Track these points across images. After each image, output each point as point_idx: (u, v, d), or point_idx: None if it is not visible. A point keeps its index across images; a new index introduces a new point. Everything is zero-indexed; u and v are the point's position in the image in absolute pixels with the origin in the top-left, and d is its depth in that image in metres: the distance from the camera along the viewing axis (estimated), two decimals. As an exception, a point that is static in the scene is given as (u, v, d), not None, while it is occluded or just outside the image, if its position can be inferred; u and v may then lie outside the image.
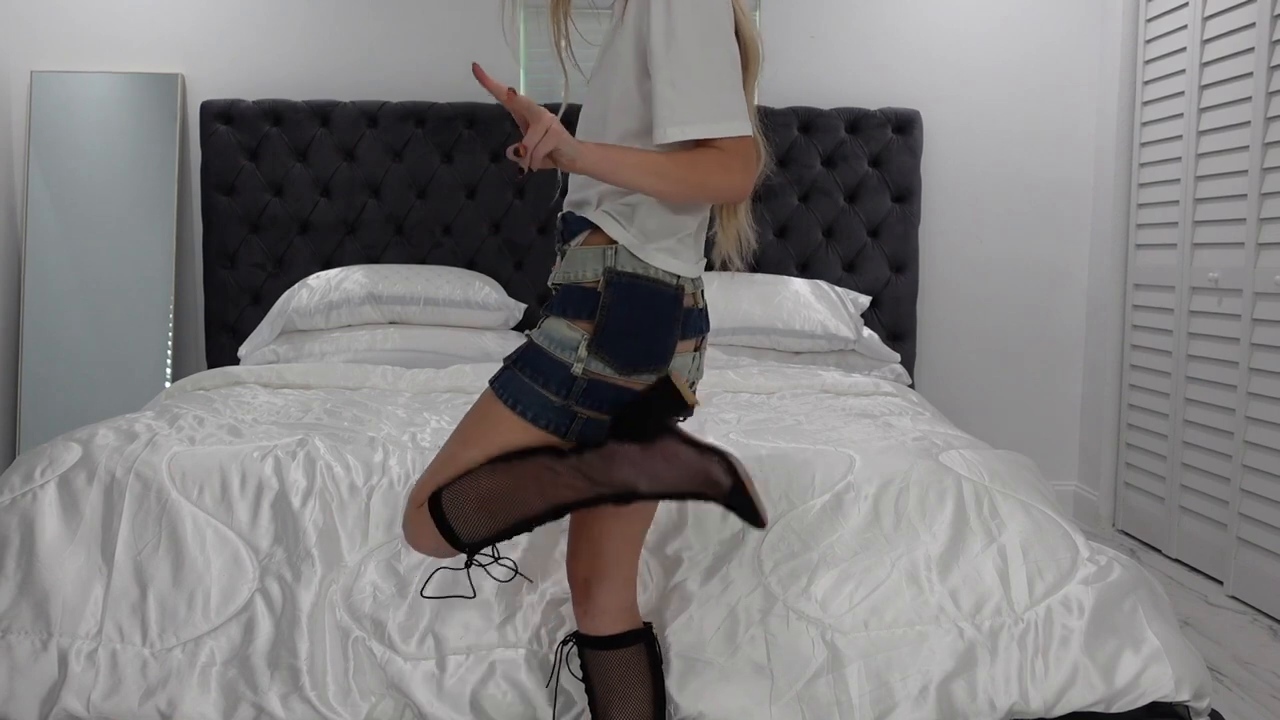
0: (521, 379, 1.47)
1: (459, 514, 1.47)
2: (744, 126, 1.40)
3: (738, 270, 1.71)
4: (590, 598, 1.63)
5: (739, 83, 1.43)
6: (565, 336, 1.45)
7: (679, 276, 1.48)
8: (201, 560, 1.84)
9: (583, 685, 1.74)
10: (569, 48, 1.61)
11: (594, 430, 1.50)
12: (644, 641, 1.64)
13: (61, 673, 1.75)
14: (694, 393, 1.51)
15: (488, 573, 1.72)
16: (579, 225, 1.50)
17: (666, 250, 1.48)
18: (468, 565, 1.54)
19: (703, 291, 1.55)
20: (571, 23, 1.60)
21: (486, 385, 1.52)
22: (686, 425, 2.23)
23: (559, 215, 1.57)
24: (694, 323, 1.52)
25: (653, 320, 1.47)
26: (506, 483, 1.46)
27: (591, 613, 1.63)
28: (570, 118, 1.53)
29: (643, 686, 1.63)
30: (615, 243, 1.46)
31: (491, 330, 3.49)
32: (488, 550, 1.54)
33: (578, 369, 1.44)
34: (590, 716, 1.69)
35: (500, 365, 1.52)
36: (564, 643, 1.68)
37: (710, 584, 1.84)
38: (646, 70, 1.43)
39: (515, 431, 1.48)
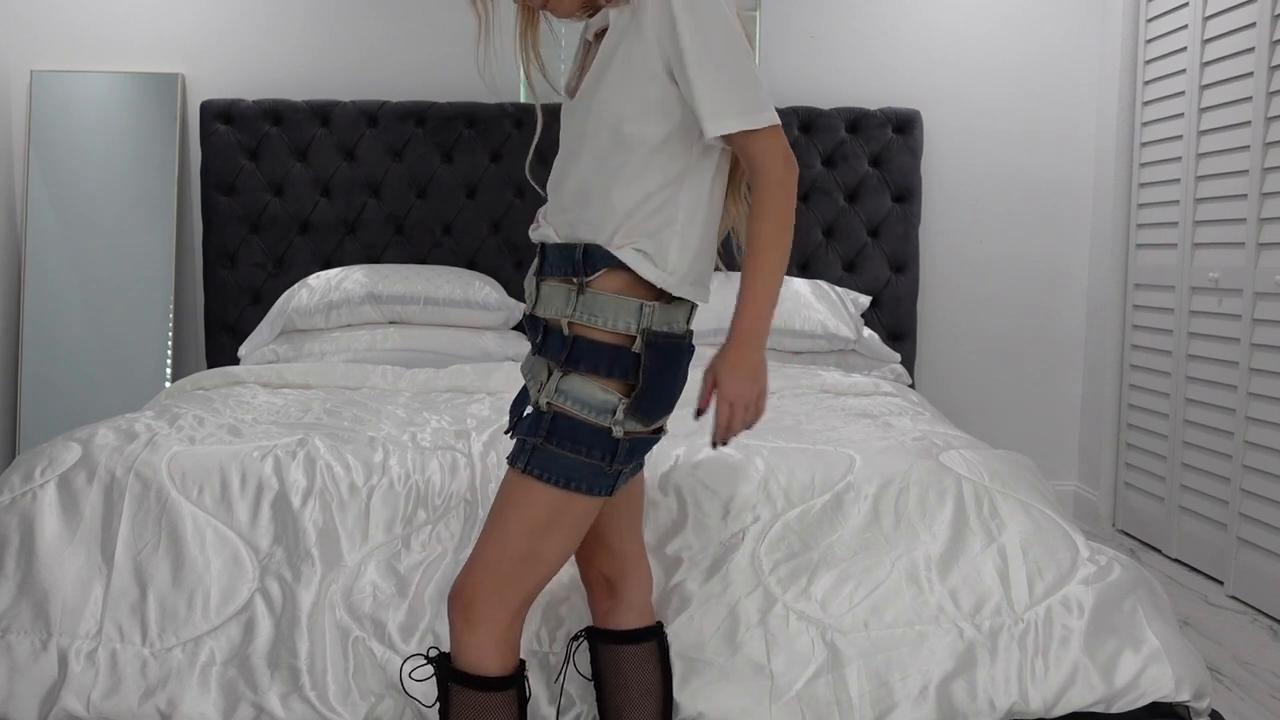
0: (561, 454, 1.40)
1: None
2: (774, 116, 1.40)
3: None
4: (617, 595, 1.63)
5: (760, 79, 1.42)
6: (600, 400, 1.40)
7: (689, 319, 1.48)
8: (201, 560, 1.84)
9: (583, 686, 1.75)
10: (541, 70, 1.59)
11: (627, 479, 1.50)
12: (657, 639, 1.65)
13: (61, 672, 1.75)
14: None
15: None
16: (603, 260, 1.43)
17: (699, 282, 1.48)
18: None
19: None
20: (537, 50, 1.59)
21: (511, 469, 1.44)
22: (682, 428, 2.23)
23: (550, 242, 1.49)
24: (692, 356, 1.52)
25: (678, 375, 1.47)
26: None
27: (618, 610, 1.63)
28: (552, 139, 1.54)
29: (655, 683, 1.63)
30: (651, 298, 1.43)
31: (491, 330, 3.49)
32: None
33: (618, 432, 1.41)
34: (596, 714, 1.70)
35: (520, 444, 1.44)
36: (574, 638, 1.68)
37: (710, 584, 1.84)
38: (672, 75, 1.40)
39: (566, 507, 1.43)
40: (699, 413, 1.46)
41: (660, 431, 1.51)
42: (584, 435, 1.41)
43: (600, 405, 1.41)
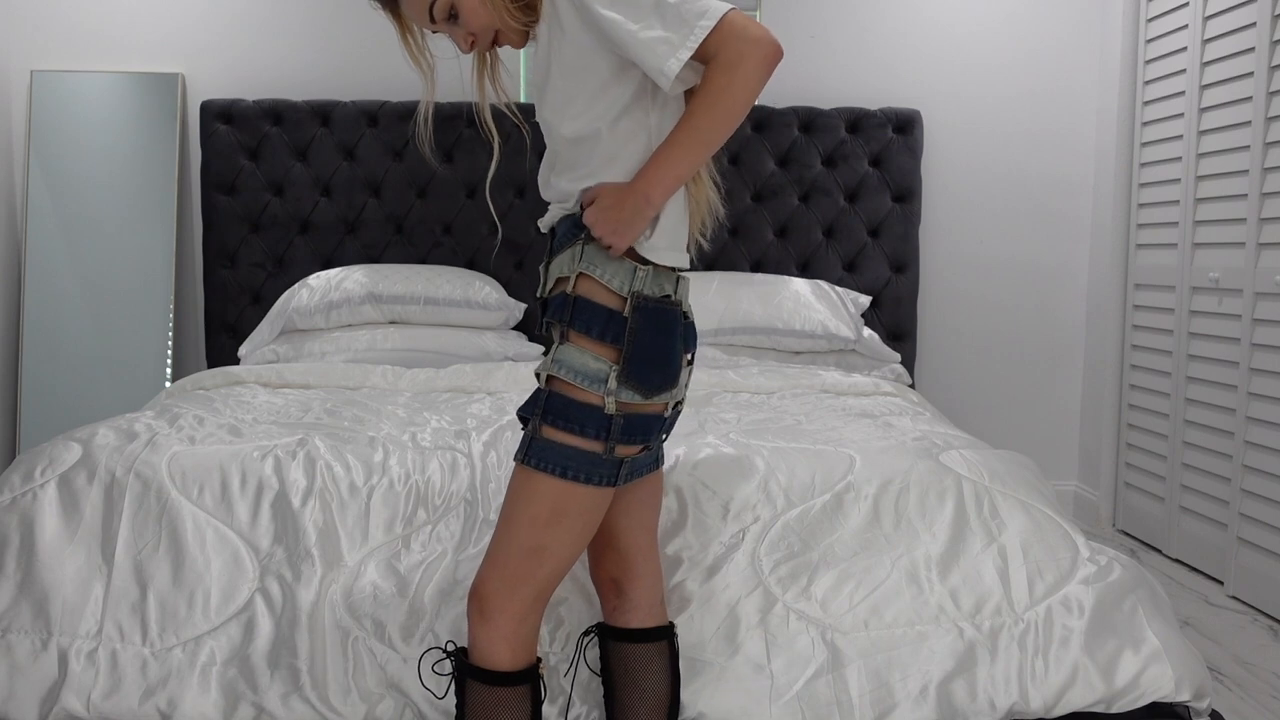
0: (555, 442, 1.42)
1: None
2: (720, 7, 1.37)
3: (706, 243, 1.69)
4: (623, 594, 1.63)
5: None
6: (593, 369, 1.41)
7: (677, 289, 1.49)
8: (201, 560, 1.84)
9: (585, 686, 1.75)
10: (504, 103, 1.64)
11: (636, 471, 1.51)
12: (667, 639, 1.65)
13: (61, 672, 1.75)
14: (679, 413, 1.54)
15: None
16: None
17: (676, 246, 1.50)
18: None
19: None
20: (502, 86, 1.63)
21: (515, 464, 1.46)
22: (682, 428, 2.24)
23: (560, 219, 1.53)
24: (690, 336, 1.53)
25: (669, 341, 1.47)
26: None
27: (624, 609, 1.63)
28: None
29: (661, 683, 1.64)
30: (645, 263, 1.45)
31: (491, 330, 3.49)
32: None
33: (610, 405, 1.41)
34: (601, 712, 1.70)
35: (522, 438, 1.46)
36: (586, 634, 1.69)
37: (710, 584, 1.84)
38: (599, 57, 1.43)
39: (567, 498, 1.44)
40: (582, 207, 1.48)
41: (668, 416, 1.50)
42: (575, 413, 1.42)
43: (593, 374, 1.42)
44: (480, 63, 1.63)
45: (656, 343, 1.45)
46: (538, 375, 1.47)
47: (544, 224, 1.57)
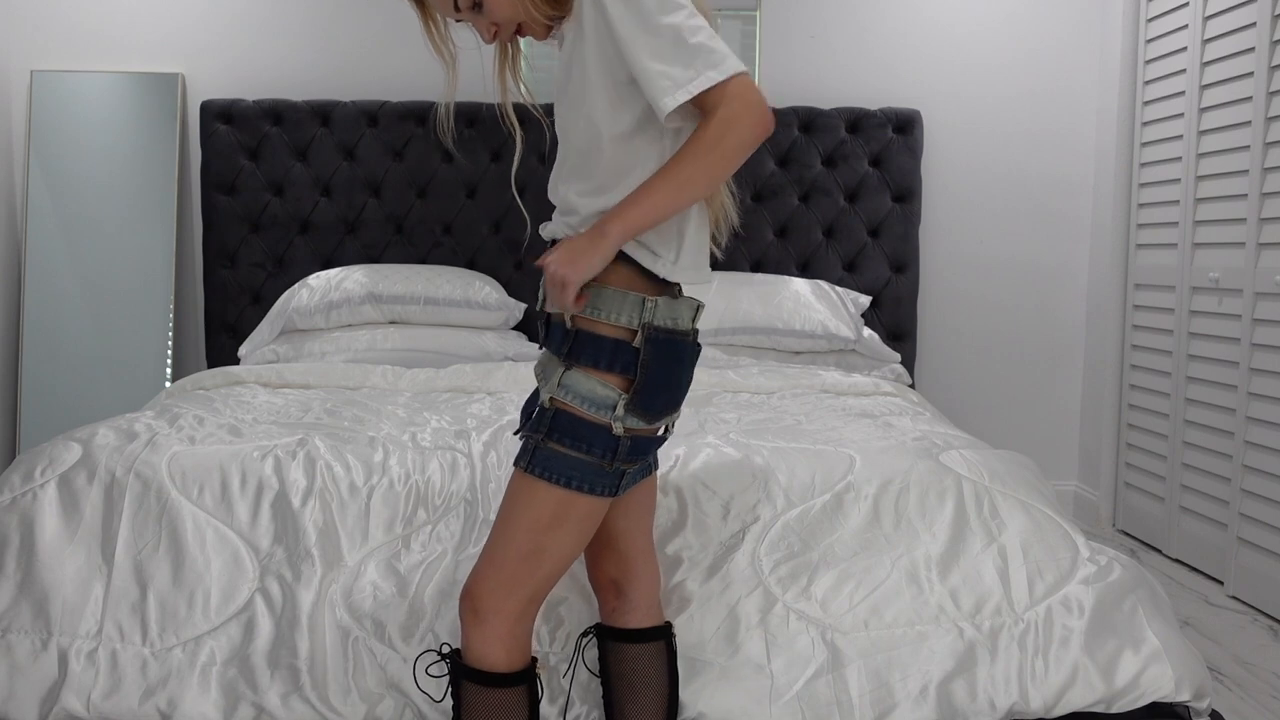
0: (561, 452, 1.42)
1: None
2: (734, 65, 1.36)
3: (723, 249, 1.67)
4: (623, 596, 1.64)
5: (710, 32, 1.38)
6: (601, 395, 1.41)
7: (694, 318, 1.48)
8: (201, 560, 1.84)
9: (585, 686, 1.75)
10: (526, 96, 1.63)
11: (633, 480, 1.51)
12: (665, 639, 1.66)
13: (61, 672, 1.75)
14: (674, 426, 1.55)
15: None
16: None
17: (695, 265, 1.48)
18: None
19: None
20: (521, 80, 1.62)
21: (516, 469, 1.46)
22: (682, 428, 2.24)
23: (559, 238, 1.51)
24: (697, 358, 1.53)
25: (680, 371, 1.47)
26: None
27: (624, 610, 1.64)
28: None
29: (660, 683, 1.64)
30: (654, 293, 1.44)
31: (491, 330, 3.49)
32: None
33: (619, 429, 1.41)
34: (600, 712, 1.70)
35: (523, 443, 1.46)
36: (584, 635, 1.69)
37: (710, 584, 1.84)
38: (620, 68, 1.41)
39: (569, 506, 1.44)
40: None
41: (666, 432, 1.51)
42: (584, 432, 1.41)
43: (601, 401, 1.41)
44: (501, 54, 1.61)
45: (669, 370, 1.45)
46: (540, 393, 1.46)
47: (546, 233, 1.54)
